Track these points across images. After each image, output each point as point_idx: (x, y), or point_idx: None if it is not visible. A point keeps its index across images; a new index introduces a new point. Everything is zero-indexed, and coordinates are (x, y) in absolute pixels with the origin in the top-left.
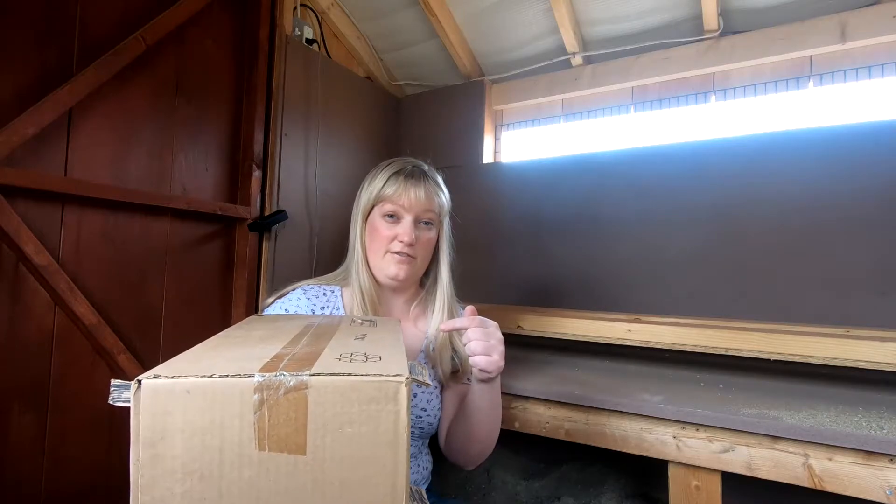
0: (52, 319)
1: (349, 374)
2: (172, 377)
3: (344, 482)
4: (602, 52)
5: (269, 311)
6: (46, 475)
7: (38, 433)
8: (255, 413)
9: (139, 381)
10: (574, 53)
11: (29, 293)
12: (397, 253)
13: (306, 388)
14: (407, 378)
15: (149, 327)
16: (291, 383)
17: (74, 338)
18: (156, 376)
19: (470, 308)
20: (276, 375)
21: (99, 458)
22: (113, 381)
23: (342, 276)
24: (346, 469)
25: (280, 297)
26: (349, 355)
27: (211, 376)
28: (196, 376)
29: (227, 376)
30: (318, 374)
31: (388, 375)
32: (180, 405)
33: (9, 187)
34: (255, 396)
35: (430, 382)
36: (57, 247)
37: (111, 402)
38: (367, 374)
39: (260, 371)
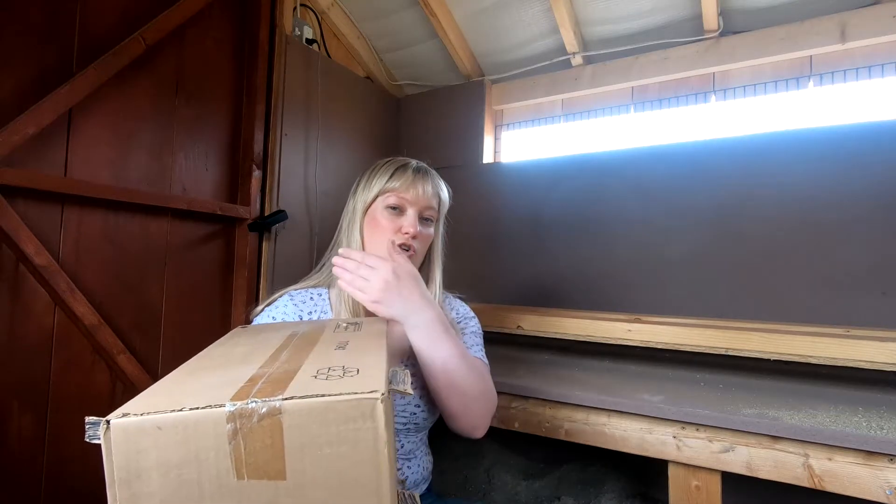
0: (52, 319)
1: (323, 395)
2: (142, 414)
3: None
4: (602, 52)
5: (258, 319)
6: (46, 475)
7: (38, 433)
8: (230, 443)
9: (108, 422)
10: (574, 53)
11: (29, 293)
12: (400, 245)
13: (280, 413)
14: (383, 395)
15: (148, 327)
16: (264, 410)
17: (74, 338)
18: (125, 415)
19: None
20: (247, 403)
21: (99, 458)
22: (87, 419)
23: (327, 275)
24: (329, 490)
25: (268, 305)
26: (326, 371)
27: (181, 410)
28: (166, 411)
29: (197, 408)
30: (291, 398)
31: (364, 393)
32: (152, 442)
33: (9, 187)
34: (229, 426)
35: (410, 391)
36: (57, 247)
37: (87, 440)
38: (341, 394)
39: (232, 399)
